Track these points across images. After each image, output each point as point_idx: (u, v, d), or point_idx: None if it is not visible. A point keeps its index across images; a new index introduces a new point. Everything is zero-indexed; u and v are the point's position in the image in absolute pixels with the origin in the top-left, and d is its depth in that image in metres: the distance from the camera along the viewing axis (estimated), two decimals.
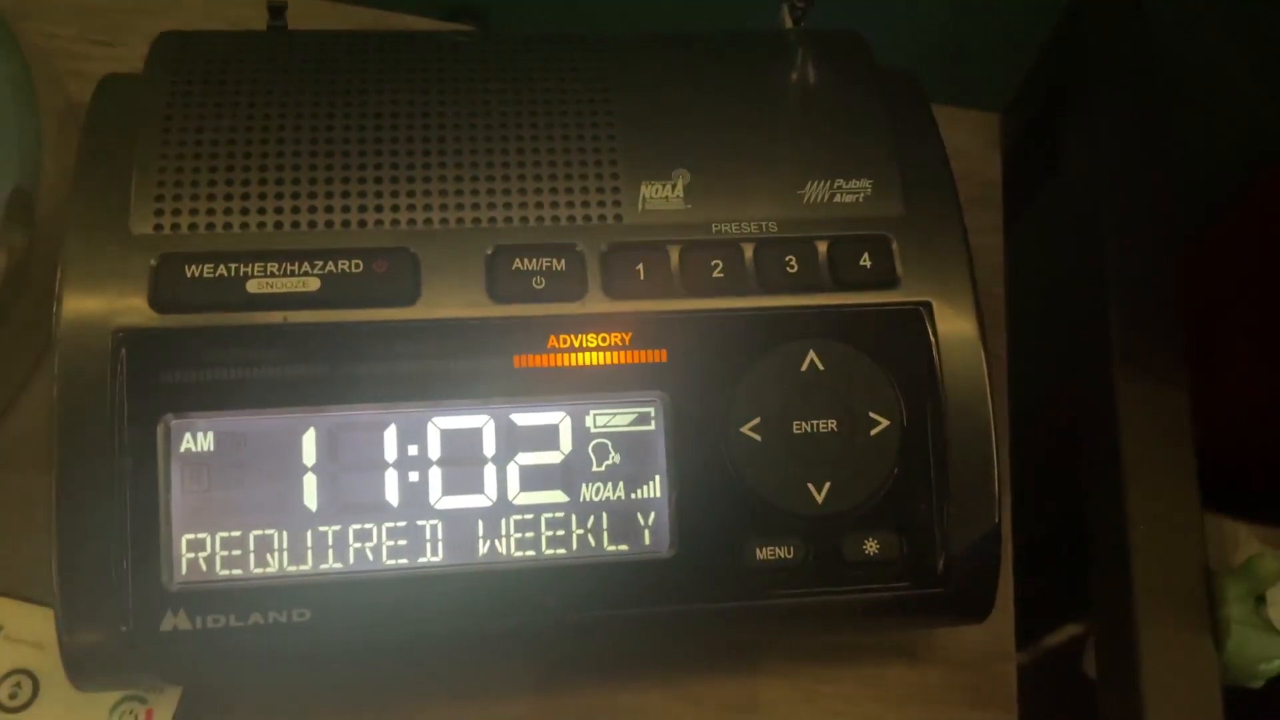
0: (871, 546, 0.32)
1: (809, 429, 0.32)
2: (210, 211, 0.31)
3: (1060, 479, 0.44)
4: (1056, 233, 0.42)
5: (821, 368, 0.32)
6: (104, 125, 0.32)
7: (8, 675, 0.32)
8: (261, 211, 0.31)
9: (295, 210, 0.31)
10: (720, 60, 0.36)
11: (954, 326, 0.32)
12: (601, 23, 0.47)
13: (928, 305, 0.33)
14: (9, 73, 0.39)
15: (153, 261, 0.30)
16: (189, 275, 0.30)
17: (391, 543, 0.30)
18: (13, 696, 0.32)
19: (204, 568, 0.30)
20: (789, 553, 0.31)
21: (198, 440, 0.30)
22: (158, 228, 0.30)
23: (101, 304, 0.30)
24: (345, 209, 0.31)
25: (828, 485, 0.32)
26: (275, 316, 0.30)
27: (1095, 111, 0.38)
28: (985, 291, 0.34)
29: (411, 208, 0.32)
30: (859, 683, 0.36)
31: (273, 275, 0.30)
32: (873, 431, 0.32)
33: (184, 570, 0.29)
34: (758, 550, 0.31)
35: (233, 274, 0.30)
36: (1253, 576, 0.32)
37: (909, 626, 0.36)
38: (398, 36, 0.35)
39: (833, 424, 0.32)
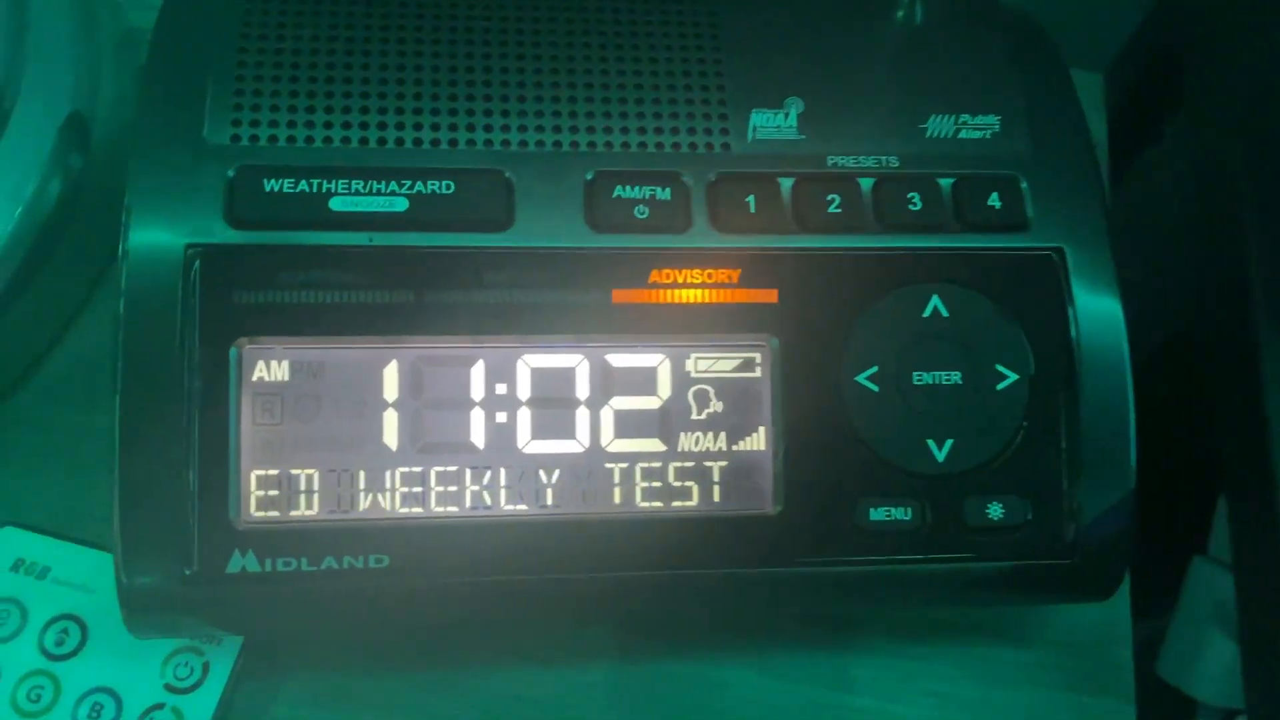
0: (996, 511, 0.29)
1: (930, 381, 0.29)
2: (291, 123, 0.28)
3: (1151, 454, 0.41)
4: (1169, 195, 0.39)
5: (945, 315, 0.29)
6: (177, 30, 0.30)
7: (54, 620, 0.30)
8: (346, 126, 0.29)
9: (382, 126, 0.29)
10: None
11: (1089, 275, 0.30)
12: None
13: (1060, 252, 0.30)
14: None
15: (229, 173, 0.28)
16: (268, 189, 0.28)
17: (476, 487, 0.28)
18: (59, 643, 0.30)
19: (275, 507, 0.27)
20: (905, 514, 0.29)
21: (271, 369, 0.27)
22: (235, 138, 0.28)
23: (173, 217, 0.27)
24: (435, 127, 0.29)
25: (949, 442, 0.29)
26: (360, 237, 0.28)
27: (1222, 63, 0.36)
28: None
29: (506, 128, 0.29)
30: (960, 662, 0.34)
31: (358, 194, 0.28)
32: (999, 386, 0.29)
33: (253, 508, 0.27)
34: (871, 510, 0.29)
35: (315, 190, 0.28)
36: None
37: (1031, 601, 0.33)
38: None
39: (956, 376, 0.29)
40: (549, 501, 0.28)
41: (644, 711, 0.33)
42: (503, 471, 0.28)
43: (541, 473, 0.28)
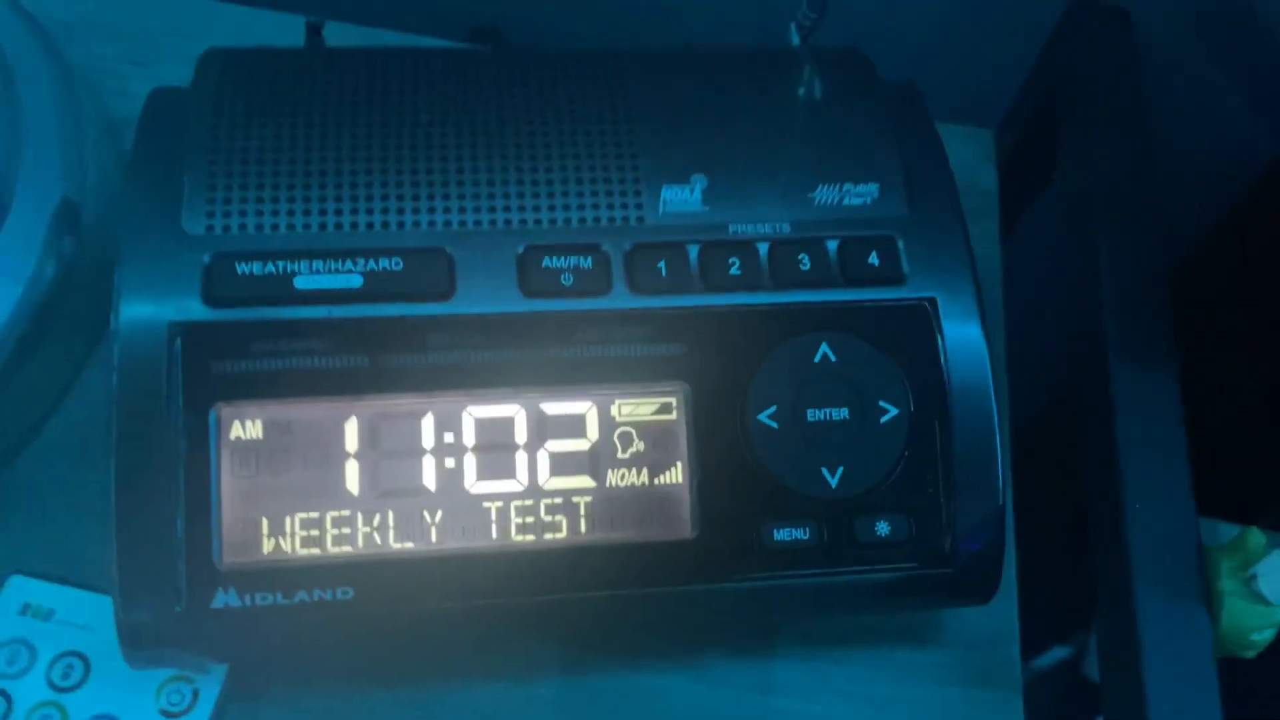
0: (883, 528, 0.33)
1: (822, 417, 0.34)
2: (259, 213, 0.33)
3: (1061, 481, 0.46)
4: (1051, 241, 0.44)
5: (834, 359, 0.34)
6: (155, 133, 0.34)
7: (60, 657, 0.34)
8: (307, 213, 0.33)
9: (338, 212, 0.33)
10: (733, 72, 0.38)
11: (958, 320, 0.34)
12: (615, 42, 0.49)
13: (933, 301, 0.34)
14: (56, 90, 0.41)
15: (205, 259, 0.32)
16: (239, 272, 0.32)
17: (429, 525, 0.32)
18: (65, 677, 0.34)
19: (252, 548, 0.31)
20: (805, 534, 0.33)
21: (246, 428, 0.31)
22: (209, 228, 0.32)
23: (157, 299, 0.31)
24: (385, 210, 0.33)
25: (840, 470, 0.33)
26: (320, 311, 0.32)
27: (1085, 126, 0.41)
28: (985, 295, 0.36)
29: (447, 210, 0.33)
30: (870, 664, 0.38)
31: (318, 272, 0.32)
32: (882, 419, 0.34)
33: (234, 551, 0.31)
34: (775, 531, 0.33)
35: (281, 271, 0.32)
36: (1243, 551, 0.34)
37: (918, 606, 0.38)
38: (430, 52, 0.37)
39: (845, 412, 0.34)
40: (495, 535, 0.32)
41: None
42: (453, 510, 0.32)
43: (487, 509, 0.32)
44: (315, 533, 0.31)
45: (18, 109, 0.39)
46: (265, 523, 0.31)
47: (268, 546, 0.31)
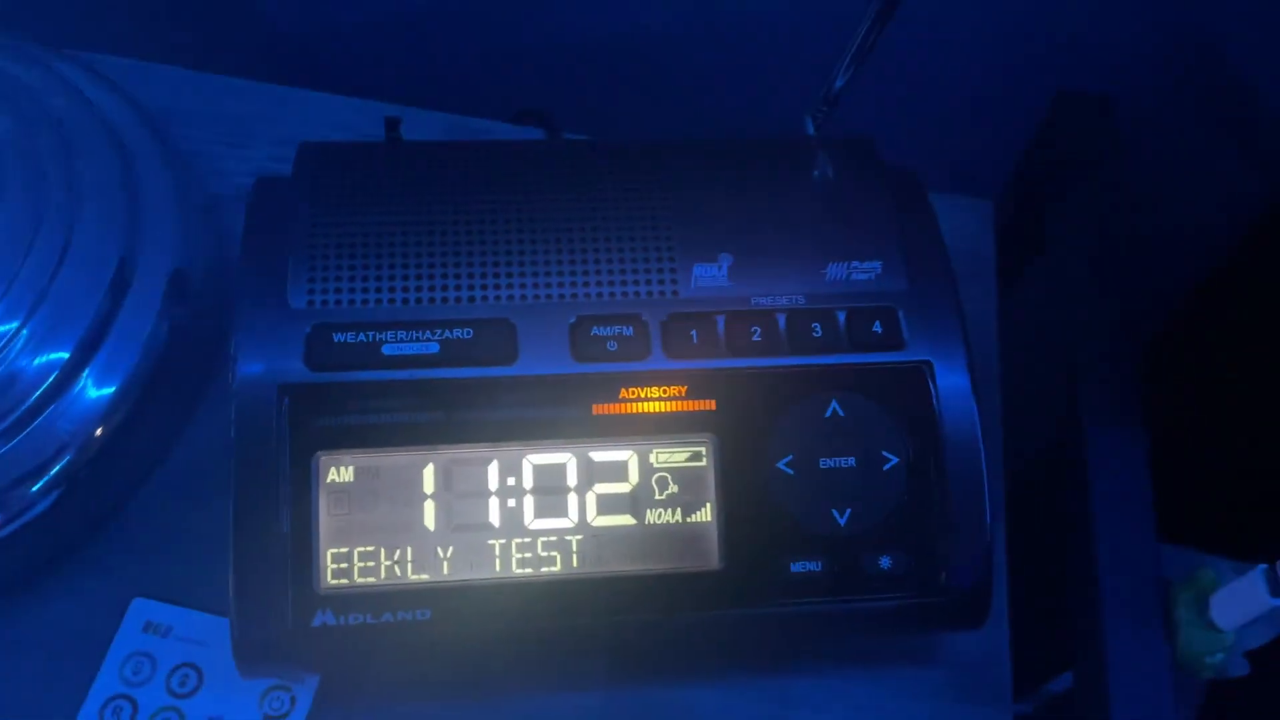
0: (886, 562, 0.38)
1: (833, 464, 0.39)
2: (351, 289, 0.38)
3: (1054, 519, 0.50)
4: (1040, 305, 0.49)
5: (842, 414, 0.39)
6: (262, 218, 0.40)
7: (177, 668, 0.40)
8: (392, 290, 0.38)
9: (419, 288, 0.39)
10: (755, 163, 0.43)
11: (951, 381, 0.39)
12: (647, 124, 0.54)
13: (929, 364, 0.40)
14: (166, 172, 0.47)
15: (307, 330, 0.38)
16: (336, 341, 0.38)
17: (494, 556, 0.37)
18: (182, 685, 0.39)
19: (346, 576, 0.37)
20: (818, 566, 0.38)
21: (340, 473, 0.37)
22: (310, 303, 0.38)
23: (268, 365, 0.37)
24: (458, 287, 0.39)
25: (849, 511, 0.39)
26: (404, 374, 0.38)
27: (1065, 207, 0.46)
28: (981, 351, 0.41)
29: (510, 285, 0.39)
30: (875, 680, 0.43)
31: (402, 341, 0.38)
32: (885, 467, 0.39)
33: (330, 578, 0.36)
34: (792, 564, 0.38)
35: (371, 340, 0.38)
36: (1199, 585, 0.39)
37: (917, 631, 0.43)
38: (493, 146, 0.43)
39: (852, 461, 0.39)
40: (549, 566, 0.38)
41: None
42: (514, 543, 0.38)
43: (543, 542, 0.38)
44: (398, 563, 0.37)
45: (136, 190, 0.46)
46: (356, 554, 0.37)
47: (358, 574, 0.37)
